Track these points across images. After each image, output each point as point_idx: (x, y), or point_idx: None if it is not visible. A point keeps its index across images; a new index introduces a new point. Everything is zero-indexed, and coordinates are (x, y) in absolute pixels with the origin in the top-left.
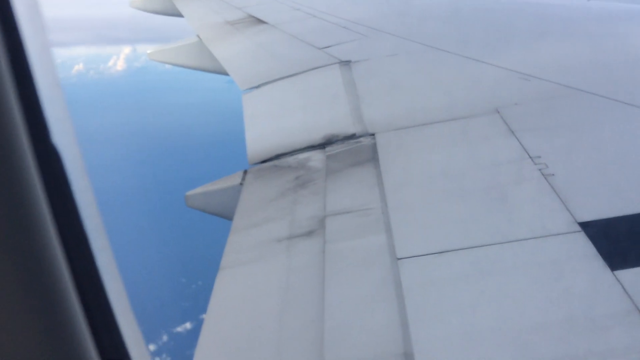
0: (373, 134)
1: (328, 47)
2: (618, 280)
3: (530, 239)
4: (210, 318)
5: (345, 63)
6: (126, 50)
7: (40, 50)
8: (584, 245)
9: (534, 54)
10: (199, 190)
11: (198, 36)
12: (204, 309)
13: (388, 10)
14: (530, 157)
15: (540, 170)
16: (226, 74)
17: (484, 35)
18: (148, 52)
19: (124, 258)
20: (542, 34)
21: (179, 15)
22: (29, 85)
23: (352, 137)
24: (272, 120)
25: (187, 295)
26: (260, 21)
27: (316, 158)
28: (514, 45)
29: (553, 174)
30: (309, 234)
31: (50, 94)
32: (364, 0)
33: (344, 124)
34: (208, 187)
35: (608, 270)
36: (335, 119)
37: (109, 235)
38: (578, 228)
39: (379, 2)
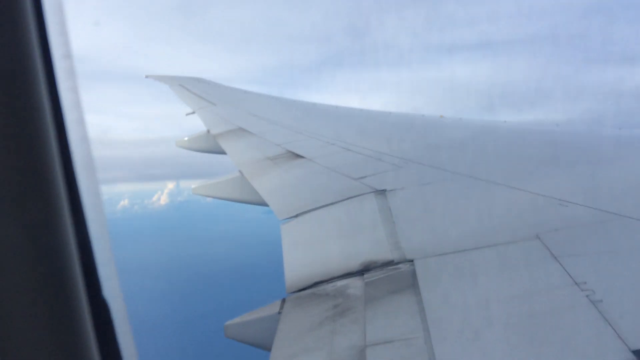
0: (412, 260)
1: (363, 177)
2: None
3: None
4: None
5: (381, 192)
6: (170, 185)
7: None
8: None
9: (569, 181)
10: (237, 320)
11: (240, 171)
12: None
13: (420, 142)
14: (576, 283)
15: (587, 296)
16: (266, 204)
17: (517, 163)
18: (193, 187)
19: None
20: (576, 161)
21: (222, 152)
22: (87, 247)
23: (390, 263)
24: (309, 249)
25: None
26: (298, 156)
27: (354, 285)
28: (548, 172)
29: (601, 300)
30: None
31: (104, 256)
32: (396, 134)
33: (381, 251)
34: (246, 317)
35: None
36: (373, 246)
37: None
38: (632, 356)
39: (412, 135)
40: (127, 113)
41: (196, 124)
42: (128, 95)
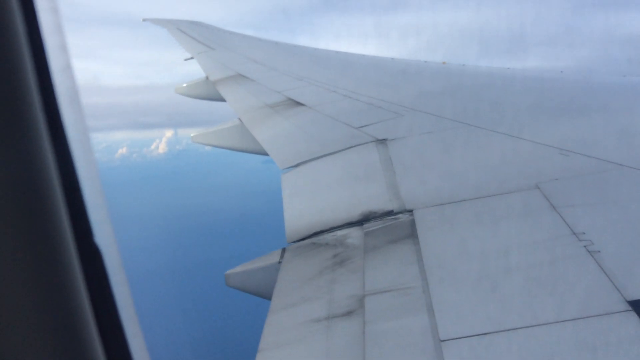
0: (411, 210)
1: (364, 126)
2: None
3: (579, 319)
4: None
5: (382, 141)
6: (168, 133)
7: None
8: (635, 325)
9: (572, 130)
10: (238, 269)
11: (239, 119)
12: None
13: (422, 89)
14: (575, 234)
15: (585, 247)
16: (266, 154)
17: (519, 111)
18: (192, 135)
19: (161, 340)
20: (579, 110)
21: (222, 100)
22: (76, 190)
23: (390, 213)
24: (310, 198)
25: None
26: (298, 103)
27: (354, 235)
28: (550, 121)
29: (599, 251)
30: (348, 314)
31: (94, 200)
32: (397, 81)
33: (381, 201)
34: (247, 266)
35: None
36: (373, 196)
37: (150, 317)
38: (628, 307)
39: (413, 82)
40: (120, 58)
41: (192, 70)
42: (122, 40)
